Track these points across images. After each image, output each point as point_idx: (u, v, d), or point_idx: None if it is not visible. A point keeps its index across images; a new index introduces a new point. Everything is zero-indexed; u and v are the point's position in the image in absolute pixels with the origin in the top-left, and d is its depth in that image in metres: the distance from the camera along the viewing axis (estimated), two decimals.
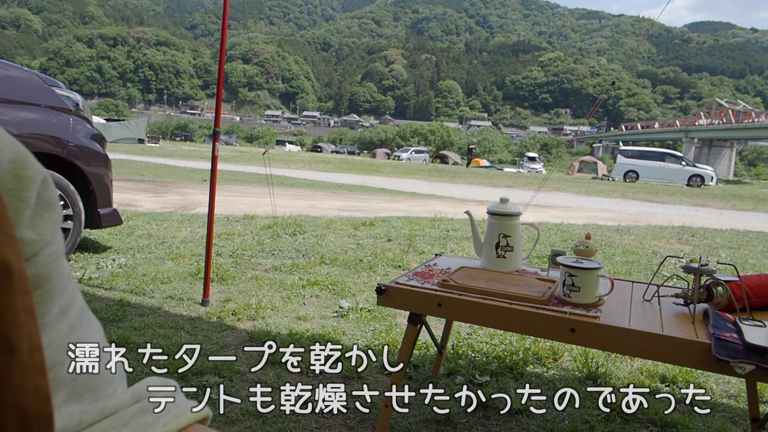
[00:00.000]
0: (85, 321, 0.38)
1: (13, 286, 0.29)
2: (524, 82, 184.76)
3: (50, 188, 0.35)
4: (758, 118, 48.76)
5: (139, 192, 8.61)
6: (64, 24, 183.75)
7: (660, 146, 57.74)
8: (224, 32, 3.02)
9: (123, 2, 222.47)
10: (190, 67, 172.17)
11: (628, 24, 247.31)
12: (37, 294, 0.33)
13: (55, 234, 0.35)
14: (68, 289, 0.37)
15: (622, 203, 12.27)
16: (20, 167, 0.33)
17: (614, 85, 13.77)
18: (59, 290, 0.35)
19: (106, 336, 1.84)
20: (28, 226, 0.33)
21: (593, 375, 2.34)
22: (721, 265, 4.09)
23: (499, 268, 1.79)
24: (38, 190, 0.34)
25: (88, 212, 3.75)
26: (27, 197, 0.33)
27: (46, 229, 0.34)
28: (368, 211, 7.80)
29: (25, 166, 0.33)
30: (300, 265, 3.93)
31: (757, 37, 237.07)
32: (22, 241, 0.32)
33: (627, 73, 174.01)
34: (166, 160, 18.34)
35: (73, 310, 0.37)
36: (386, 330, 2.76)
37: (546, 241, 5.56)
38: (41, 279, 0.34)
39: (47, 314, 0.34)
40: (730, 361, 1.18)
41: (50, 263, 0.34)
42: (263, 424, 1.83)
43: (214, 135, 3.07)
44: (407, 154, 40.52)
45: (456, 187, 14.58)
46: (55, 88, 3.56)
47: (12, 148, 0.33)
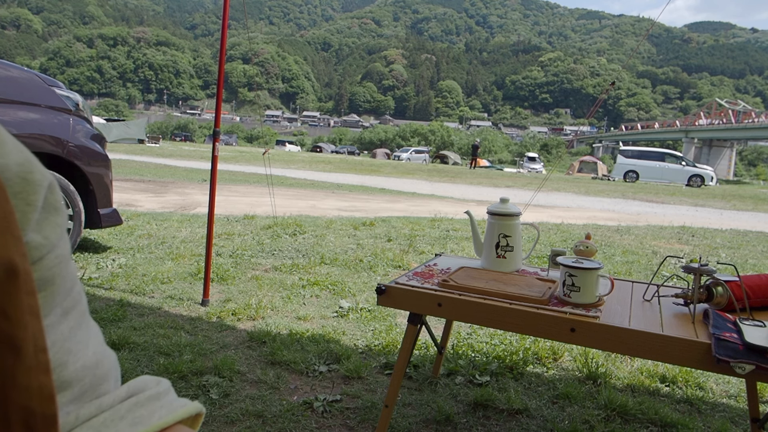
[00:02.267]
0: (85, 324, 0.38)
1: (19, 288, 0.29)
2: (524, 82, 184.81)
3: (57, 192, 0.35)
4: (758, 118, 48.79)
5: (139, 192, 8.61)
6: (64, 24, 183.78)
7: (660, 146, 57.82)
8: (224, 32, 3.02)
9: (123, 2, 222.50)
10: (190, 67, 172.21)
11: (628, 24, 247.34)
12: (41, 296, 0.33)
13: (61, 237, 0.35)
14: (73, 291, 0.37)
15: (622, 203, 12.27)
16: (27, 171, 0.33)
17: (614, 85, 13.90)
18: (63, 293, 0.36)
19: (106, 336, 1.83)
20: (35, 229, 0.33)
21: (593, 375, 2.34)
22: (721, 265, 4.10)
23: (499, 268, 1.79)
24: (45, 194, 0.34)
25: (88, 212, 3.75)
26: (34, 201, 0.33)
27: (53, 233, 0.34)
28: (368, 211, 7.80)
29: (33, 170, 0.33)
30: (300, 265, 3.93)
31: (757, 37, 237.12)
32: (29, 245, 0.32)
33: (627, 73, 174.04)
34: (166, 160, 18.35)
35: (75, 312, 0.37)
36: (386, 330, 2.76)
37: (546, 241, 5.56)
38: (45, 282, 0.34)
39: (48, 316, 0.34)
40: (730, 361, 1.18)
41: (55, 267, 0.35)
42: (263, 424, 1.83)
43: (214, 135, 3.07)
44: (407, 154, 40.54)
45: (456, 187, 14.58)
46: (55, 88, 3.56)
47: (19, 152, 0.33)
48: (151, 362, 2.22)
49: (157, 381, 0.42)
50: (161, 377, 0.43)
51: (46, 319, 0.34)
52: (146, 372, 2.11)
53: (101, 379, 0.38)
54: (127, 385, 0.40)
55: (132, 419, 0.37)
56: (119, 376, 0.42)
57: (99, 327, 0.42)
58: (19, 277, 0.29)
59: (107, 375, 0.39)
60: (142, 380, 0.41)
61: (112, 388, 0.40)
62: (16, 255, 0.29)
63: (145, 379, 0.41)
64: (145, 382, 0.41)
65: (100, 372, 0.38)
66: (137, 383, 0.41)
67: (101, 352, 0.39)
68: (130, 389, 0.40)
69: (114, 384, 0.40)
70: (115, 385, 0.40)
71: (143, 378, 0.42)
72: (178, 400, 0.41)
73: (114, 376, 0.41)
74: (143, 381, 0.41)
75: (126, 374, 1.98)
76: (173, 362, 2.19)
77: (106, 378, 0.39)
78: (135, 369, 2.15)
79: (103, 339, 0.41)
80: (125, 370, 2.10)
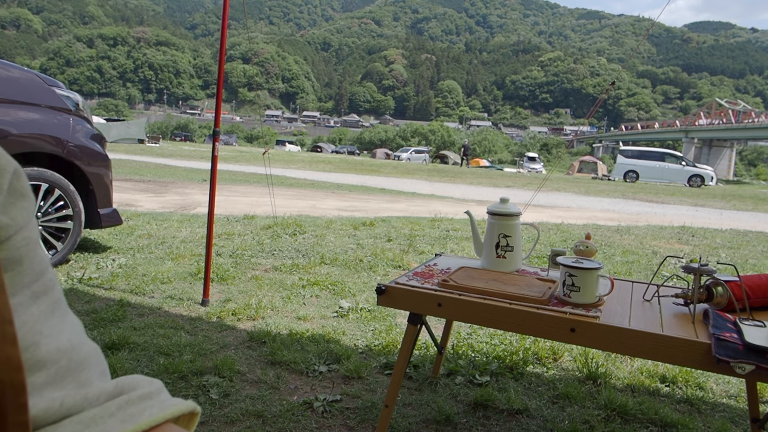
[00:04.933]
0: (59, 313, 0.39)
1: None
2: (524, 82, 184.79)
3: (22, 179, 0.37)
4: (758, 118, 48.77)
5: (139, 192, 8.61)
6: (64, 24, 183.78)
7: (660, 146, 57.81)
8: (224, 32, 3.02)
9: (123, 2, 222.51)
10: (190, 67, 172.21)
11: (628, 24, 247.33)
12: (8, 276, 0.35)
13: (28, 222, 0.37)
14: (44, 277, 0.38)
15: (622, 203, 12.27)
16: None
17: (614, 85, 13.92)
18: (32, 275, 0.37)
19: (107, 336, 1.83)
20: (1, 211, 0.35)
21: (593, 375, 2.34)
22: (721, 265, 4.10)
23: (499, 268, 1.79)
24: (10, 179, 0.35)
25: (88, 212, 3.75)
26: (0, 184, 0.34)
27: (19, 215, 0.36)
28: (368, 211, 7.80)
29: None
30: (300, 265, 3.93)
31: (757, 37, 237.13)
32: None
33: (627, 73, 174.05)
34: (166, 160, 18.34)
35: (47, 298, 0.38)
36: (386, 330, 2.76)
37: (546, 241, 5.56)
38: (13, 262, 0.35)
39: (16, 296, 0.35)
40: (730, 361, 1.18)
41: (23, 248, 0.36)
42: (263, 424, 1.83)
43: (214, 135, 3.07)
44: (407, 154, 40.53)
45: (456, 187, 14.58)
46: (55, 88, 3.56)
47: None
48: (151, 362, 2.22)
49: (150, 381, 0.42)
50: (156, 378, 0.43)
51: (13, 298, 0.35)
52: (146, 372, 2.11)
53: (80, 364, 0.39)
54: (116, 381, 0.40)
55: (122, 416, 0.37)
56: (106, 370, 0.42)
57: (80, 322, 0.42)
58: None
59: (86, 362, 0.39)
60: (134, 379, 0.41)
61: (96, 378, 0.40)
62: None
63: (138, 378, 0.42)
64: (137, 381, 0.41)
65: (77, 357, 0.39)
66: (128, 381, 0.41)
67: (78, 340, 0.40)
68: (120, 385, 0.40)
69: (99, 376, 0.40)
70: (101, 378, 0.40)
71: (135, 376, 0.42)
72: (171, 399, 0.41)
73: (98, 368, 0.41)
74: (135, 380, 0.41)
75: (126, 374, 1.98)
76: (173, 362, 2.19)
77: (86, 365, 0.39)
78: (135, 369, 2.15)
79: (85, 333, 0.42)
80: (125, 370, 2.10)
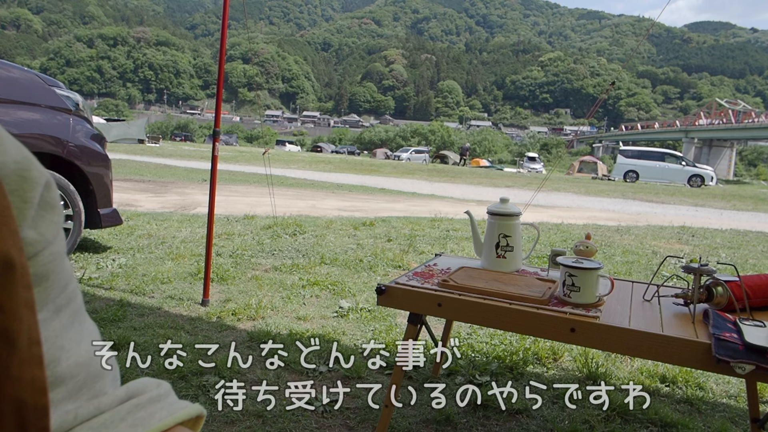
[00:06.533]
0: (78, 322, 0.38)
1: (15, 281, 0.29)
2: (524, 82, 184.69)
3: (53, 190, 0.36)
4: (758, 118, 48.76)
5: (139, 192, 8.61)
6: (64, 24, 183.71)
7: (660, 146, 57.75)
8: (224, 32, 3.02)
9: (123, 2, 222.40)
10: (190, 67, 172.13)
11: (628, 24, 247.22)
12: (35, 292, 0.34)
13: (56, 235, 0.36)
14: (68, 289, 0.37)
15: (622, 203, 12.27)
16: (25, 169, 0.34)
17: (614, 85, 13.90)
18: (57, 290, 0.36)
19: (106, 336, 1.83)
20: (31, 226, 0.34)
21: (593, 375, 2.34)
22: (721, 265, 4.09)
23: (499, 268, 1.79)
24: (42, 192, 0.35)
25: (88, 212, 3.75)
26: (30, 198, 0.34)
27: (48, 230, 0.35)
28: (368, 211, 7.80)
29: (30, 168, 0.34)
30: (300, 265, 3.93)
31: (757, 37, 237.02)
32: (25, 241, 0.33)
33: (627, 73, 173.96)
34: (166, 160, 18.34)
35: (68, 309, 0.37)
36: (386, 330, 2.76)
37: (546, 241, 5.56)
38: (40, 278, 0.34)
39: (41, 311, 0.35)
40: (730, 361, 1.18)
41: (50, 263, 0.35)
42: (263, 424, 1.83)
43: (214, 135, 3.07)
44: (407, 154, 40.53)
45: (456, 187, 14.57)
46: (55, 88, 3.56)
47: (17, 150, 0.34)
48: (151, 362, 2.22)
49: (157, 383, 0.42)
50: (161, 379, 0.43)
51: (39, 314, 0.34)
52: (145, 374, 2.11)
53: (96, 376, 0.39)
54: (126, 386, 0.40)
55: (132, 421, 0.37)
56: (118, 377, 0.42)
57: (96, 326, 0.42)
58: (15, 271, 0.29)
59: (102, 372, 0.39)
60: (142, 382, 0.41)
61: (110, 387, 0.40)
62: (13, 249, 0.30)
63: (146, 381, 0.42)
64: (145, 384, 0.41)
65: (94, 369, 0.39)
66: (137, 385, 0.41)
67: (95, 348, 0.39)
68: (130, 390, 0.40)
69: (112, 384, 0.40)
70: (113, 385, 0.40)
71: (143, 380, 0.42)
72: (178, 402, 0.42)
73: (111, 375, 0.41)
74: (143, 383, 0.41)
75: (125, 374, 1.98)
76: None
77: (102, 376, 0.39)
78: (135, 369, 2.15)
79: (100, 338, 0.41)
80: (125, 371, 2.10)
